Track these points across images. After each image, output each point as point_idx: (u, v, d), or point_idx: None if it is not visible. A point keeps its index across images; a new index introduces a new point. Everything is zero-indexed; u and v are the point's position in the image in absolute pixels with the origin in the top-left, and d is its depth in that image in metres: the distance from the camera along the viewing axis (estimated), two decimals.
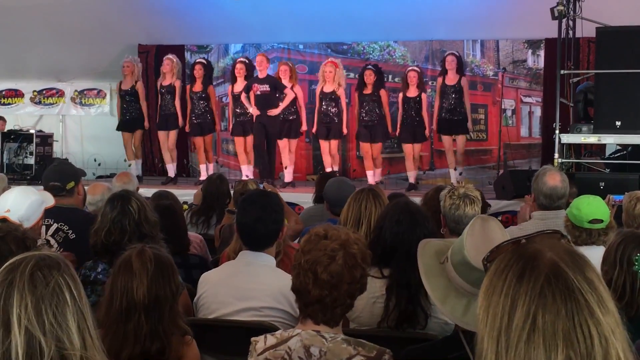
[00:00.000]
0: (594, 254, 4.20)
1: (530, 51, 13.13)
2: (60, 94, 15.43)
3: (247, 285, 3.79)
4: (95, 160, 14.39)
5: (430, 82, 12.62)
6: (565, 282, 1.50)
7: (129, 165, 12.66)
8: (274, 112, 11.13)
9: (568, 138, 9.37)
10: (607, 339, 1.49)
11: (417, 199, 6.26)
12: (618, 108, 9.06)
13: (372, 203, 4.52)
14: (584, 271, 1.53)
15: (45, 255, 2.00)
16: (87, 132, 15.48)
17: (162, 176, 13.19)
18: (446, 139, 11.35)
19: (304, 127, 11.83)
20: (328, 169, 11.31)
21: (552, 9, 9.63)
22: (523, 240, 1.73)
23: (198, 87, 11.94)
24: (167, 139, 12.12)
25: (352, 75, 13.02)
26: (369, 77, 11.33)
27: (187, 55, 14.53)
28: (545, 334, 1.47)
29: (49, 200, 4.57)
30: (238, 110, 11.75)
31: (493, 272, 1.60)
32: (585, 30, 10.14)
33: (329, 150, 11.55)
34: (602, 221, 4.33)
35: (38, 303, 1.89)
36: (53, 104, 15.50)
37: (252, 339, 2.82)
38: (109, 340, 2.90)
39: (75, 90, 15.38)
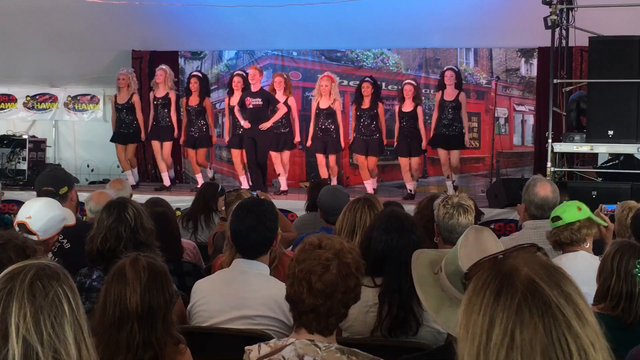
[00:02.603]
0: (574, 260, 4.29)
1: (523, 60, 13.16)
2: (53, 99, 15.40)
3: (241, 293, 3.80)
4: (88, 165, 14.38)
5: (424, 90, 12.63)
6: (542, 297, 1.51)
7: (122, 172, 12.64)
8: (264, 126, 11.15)
9: (561, 147, 9.40)
10: (586, 352, 1.50)
11: (411, 207, 6.30)
12: (610, 117, 9.09)
13: (367, 213, 4.55)
14: (560, 285, 1.54)
15: (45, 265, 2.00)
16: (80, 137, 15.45)
17: (156, 182, 13.18)
18: (442, 153, 11.39)
19: (297, 139, 11.83)
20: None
21: (545, 19, 9.67)
22: (500, 256, 1.74)
23: (194, 100, 11.92)
24: (162, 150, 12.11)
25: (345, 82, 13.05)
26: (367, 90, 11.37)
27: (181, 61, 14.53)
28: (523, 351, 1.48)
29: (71, 218, 4.58)
30: (235, 123, 11.75)
31: (471, 290, 1.61)
32: (578, 39, 10.19)
33: (326, 164, 11.57)
34: (560, 219, 4.38)
35: (37, 313, 1.89)
36: (46, 109, 15.47)
37: (246, 347, 2.83)
38: (101, 349, 2.90)
39: (69, 96, 15.34)
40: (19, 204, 10.44)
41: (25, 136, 12.79)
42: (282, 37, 13.58)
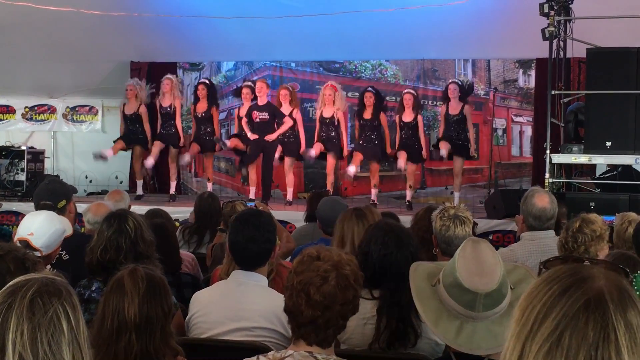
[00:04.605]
0: None
1: (521, 71, 13.18)
2: (52, 110, 15.40)
3: (239, 305, 3.80)
4: (86, 177, 14.37)
5: (422, 102, 12.63)
6: (603, 314, 1.50)
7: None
8: (270, 137, 11.23)
9: (559, 158, 9.41)
10: None
11: (407, 218, 6.30)
12: (608, 128, 9.11)
13: (354, 222, 4.54)
14: (626, 311, 1.52)
15: (49, 281, 1.98)
16: (78, 148, 15.44)
17: (154, 193, 13.20)
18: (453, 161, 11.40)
19: (303, 149, 11.87)
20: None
21: (543, 30, 9.69)
22: (587, 262, 1.75)
23: (202, 107, 12.05)
24: (168, 155, 12.20)
25: (344, 93, 13.06)
26: (369, 100, 11.41)
27: (180, 72, 14.55)
28: (567, 354, 1.48)
29: (69, 229, 4.58)
30: (242, 133, 11.79)
31: (544, 278, 1.61)
32: (576, 50, 10.20)
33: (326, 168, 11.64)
34: None
35: (34, 331, 1.87)
36: (45, 120, 15.46)
37: None
38: None
39: (67, 107, 15.35)
40: (17, 215, 10.50)
41: (23, 147, 12.77)
42: (280, 48, 13.62)
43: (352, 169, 11.30)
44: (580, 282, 1.55)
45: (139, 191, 12.34)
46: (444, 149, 11.12)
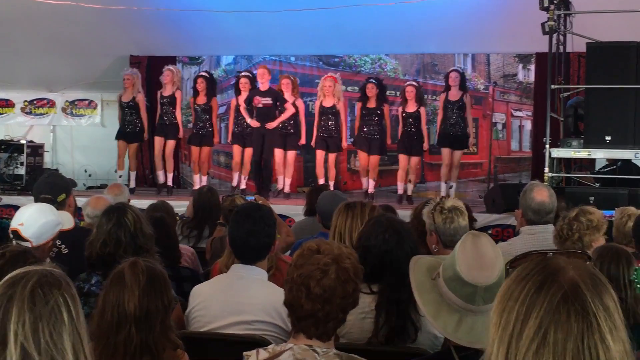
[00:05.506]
0: None
1: (520, 65, 13.18)
2: (51, 104, 15.40)
3: (239, 298, 3.79)
4: (85, 171, 14.37)
5: (424, 96, 12.63)
6: (582, 303, 1.51)
7: (120, 177, 12.62)
8: (271, 125, 11.19)
9: (558, 152, 9.42)
10: None
11: (405, 212, 6.30)
12: (608, 123, 9.11)
13: (342, 215, 4.53)
14: (602, 296, 1.54)
15: (47, 272, 1.99)
16: (77, 142, 15.45)
17: (153, 187, 13.16)
18: (445, 152, 11.37)
19: (303, 141, 11.84)
20: (320, 181, 11.33)
21: (542, 24, 9.69)
22: (550, 254, 1.75)
23: (202, 99, 12.02)
24: (165, 147, 12.14)
25: (343, 87, 13.07)
26: (371, 90, 11.40)
27: (179, 66, 14.51)
28: (555, 351, 1.49)
29: (67, 222, 4.56)
30: (239, 121, 11.77)
31: (514, 278, 1.62)
32: (576, 45, 10.21)
33: (323, 163, 11.58)
34: None
35: (36, 321, 1.88)
36: (44, 114, 15.46)
37: (244, 353, 2.82)
38: (99, 352, 2.90)
39: (67, 101, 15.35)
40: (17, 209, 10.48)
41: (23, 141, 12.76)
42: (279, 43, 13.61)
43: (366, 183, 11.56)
44: (553, 276, 1.56)
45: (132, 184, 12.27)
46: (446, 156, 11.34)
